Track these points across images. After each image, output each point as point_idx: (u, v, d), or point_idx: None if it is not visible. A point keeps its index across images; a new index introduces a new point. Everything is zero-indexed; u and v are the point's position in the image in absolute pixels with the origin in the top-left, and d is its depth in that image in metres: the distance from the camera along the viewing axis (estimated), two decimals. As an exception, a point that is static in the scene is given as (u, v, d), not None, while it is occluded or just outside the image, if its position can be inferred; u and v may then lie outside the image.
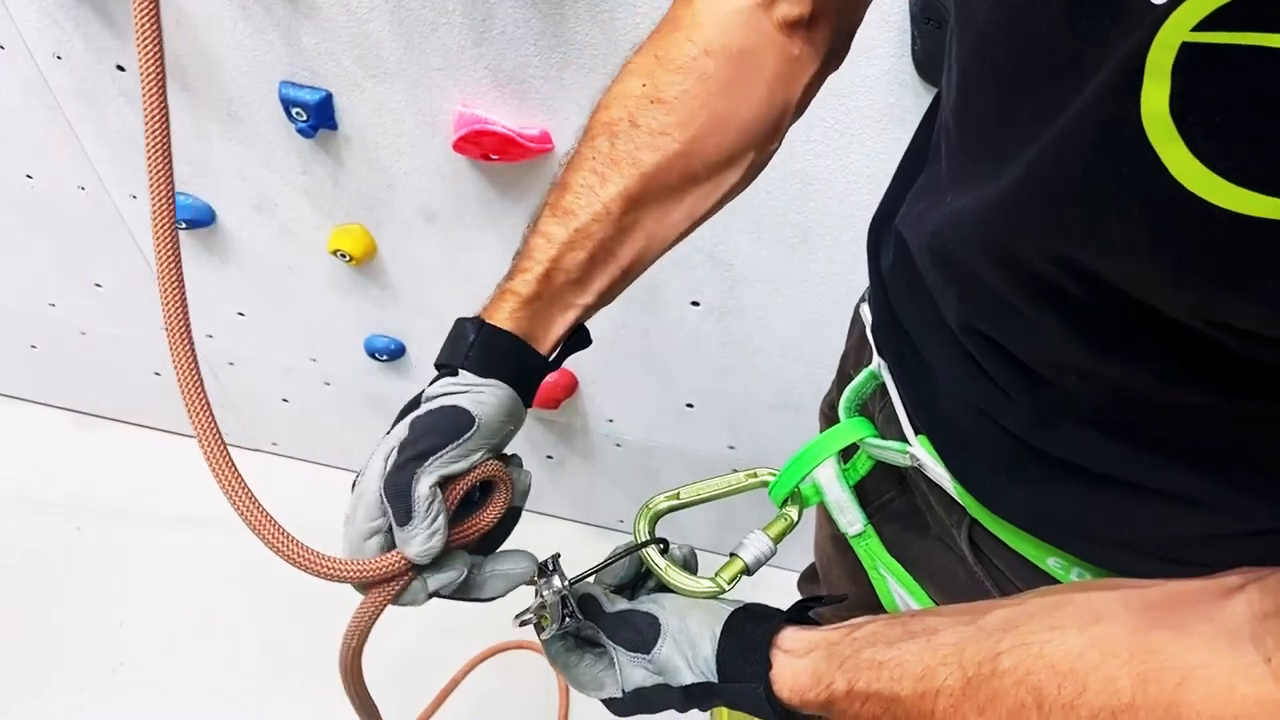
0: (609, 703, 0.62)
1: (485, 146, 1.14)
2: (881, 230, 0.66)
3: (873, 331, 0.69)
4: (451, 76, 1.11)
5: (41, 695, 1.65)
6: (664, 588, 0.66)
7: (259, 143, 1.28)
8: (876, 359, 0.68)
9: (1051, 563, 0.57)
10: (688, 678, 0.57)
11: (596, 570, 0.64)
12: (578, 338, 0.65)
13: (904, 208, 0.60)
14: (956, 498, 0.61)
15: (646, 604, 0.62)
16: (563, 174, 0.62)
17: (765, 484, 0.72)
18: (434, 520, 0.55)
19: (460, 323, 0.61)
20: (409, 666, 1.65)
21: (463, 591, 0.60)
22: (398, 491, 0.55)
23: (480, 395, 0.57)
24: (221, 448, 0.57)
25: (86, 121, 1.34)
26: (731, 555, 0.67)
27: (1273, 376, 0.39)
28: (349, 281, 1.48)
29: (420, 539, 0.55)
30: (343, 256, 1.37)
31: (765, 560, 0.67)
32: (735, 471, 0.72)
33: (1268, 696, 0.39)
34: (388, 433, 0.58)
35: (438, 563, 0.57)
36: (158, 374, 1.85)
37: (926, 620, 0.54)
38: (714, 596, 0.64)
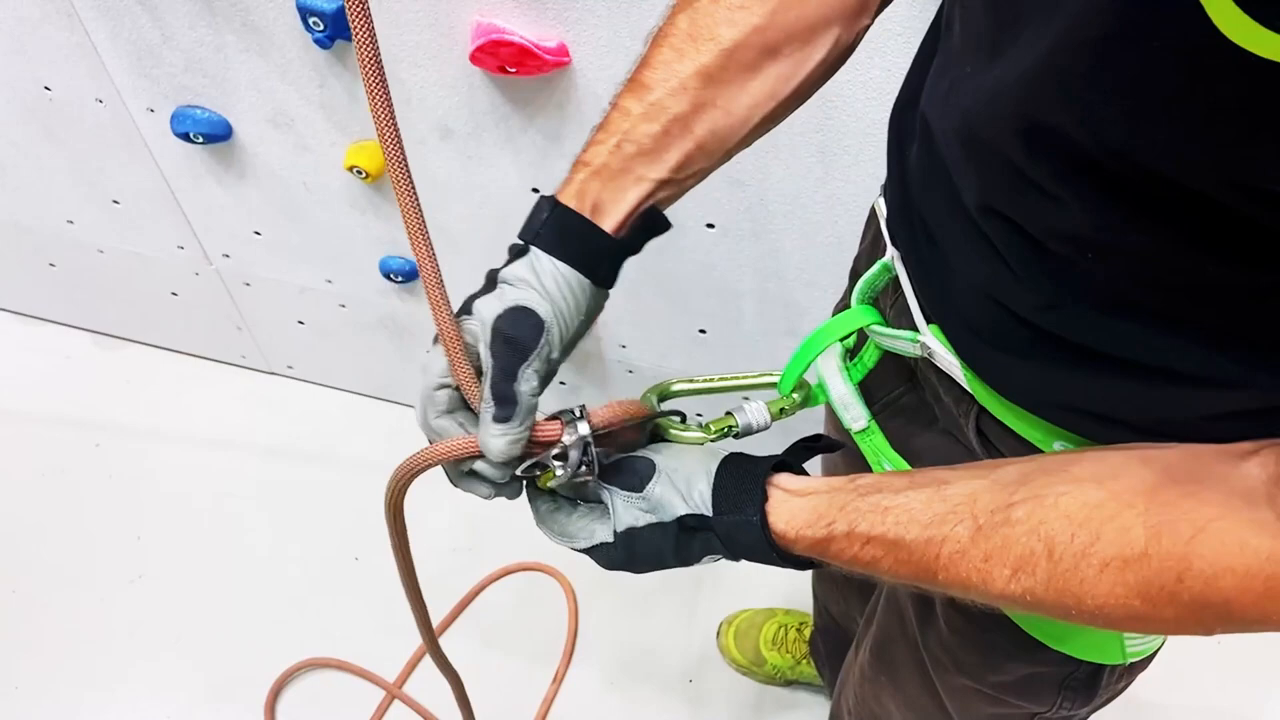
0: (597, 552, 0.61)
1: (502, 58, 1.14)
2: (904, 117, 0.66)
3: (887, 222, 0.69)
4: (470, -16, 1.11)
5: (63, 604, 1.70)
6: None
7: (275, 54, 1.28)
8: (890, 250, 0.68)
9: (1057, 447, 0.58)
10: (681, 508, 0.58)
11: (620, 425, 0.62)
12: (655, 220, 0.64)
13: (925, 90, 0.60)
14: (966, 386, 0.62)
15: (642, 451, 0.62)
16: (645, 50, 0.63)
17: (774, 384, 0.72)
18: (524, 427, 0.57)
19: (540, 199, 0.61)
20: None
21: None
22: (502, 397, 0.56)
23: (548, 286, 0.58)
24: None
25: (104, 31, 1.34)
26: (726, 413, 0.67)
27: None
28: (364, 200, 1.48)
29: (506, 441, 0.56)
30: (359, 173, 1.37)
31: (756, 430, 0.67)
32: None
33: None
34: (477, 296, 0.60)
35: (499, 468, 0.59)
36: (175, 294, 1.86)
37: (934, 473, 0.54)
38: (701, 444, 0.64)
